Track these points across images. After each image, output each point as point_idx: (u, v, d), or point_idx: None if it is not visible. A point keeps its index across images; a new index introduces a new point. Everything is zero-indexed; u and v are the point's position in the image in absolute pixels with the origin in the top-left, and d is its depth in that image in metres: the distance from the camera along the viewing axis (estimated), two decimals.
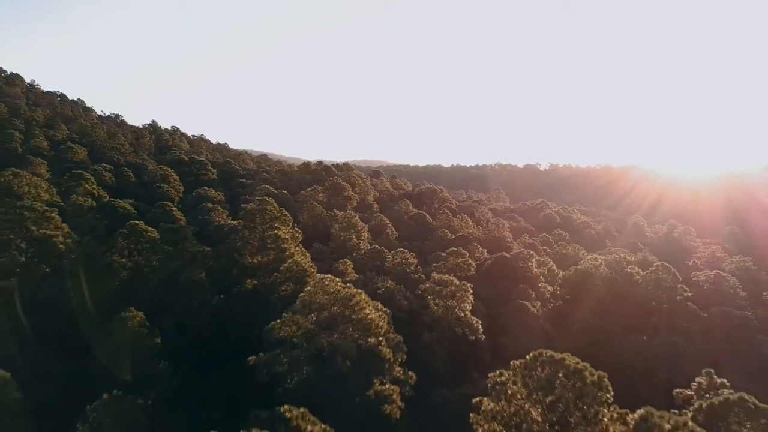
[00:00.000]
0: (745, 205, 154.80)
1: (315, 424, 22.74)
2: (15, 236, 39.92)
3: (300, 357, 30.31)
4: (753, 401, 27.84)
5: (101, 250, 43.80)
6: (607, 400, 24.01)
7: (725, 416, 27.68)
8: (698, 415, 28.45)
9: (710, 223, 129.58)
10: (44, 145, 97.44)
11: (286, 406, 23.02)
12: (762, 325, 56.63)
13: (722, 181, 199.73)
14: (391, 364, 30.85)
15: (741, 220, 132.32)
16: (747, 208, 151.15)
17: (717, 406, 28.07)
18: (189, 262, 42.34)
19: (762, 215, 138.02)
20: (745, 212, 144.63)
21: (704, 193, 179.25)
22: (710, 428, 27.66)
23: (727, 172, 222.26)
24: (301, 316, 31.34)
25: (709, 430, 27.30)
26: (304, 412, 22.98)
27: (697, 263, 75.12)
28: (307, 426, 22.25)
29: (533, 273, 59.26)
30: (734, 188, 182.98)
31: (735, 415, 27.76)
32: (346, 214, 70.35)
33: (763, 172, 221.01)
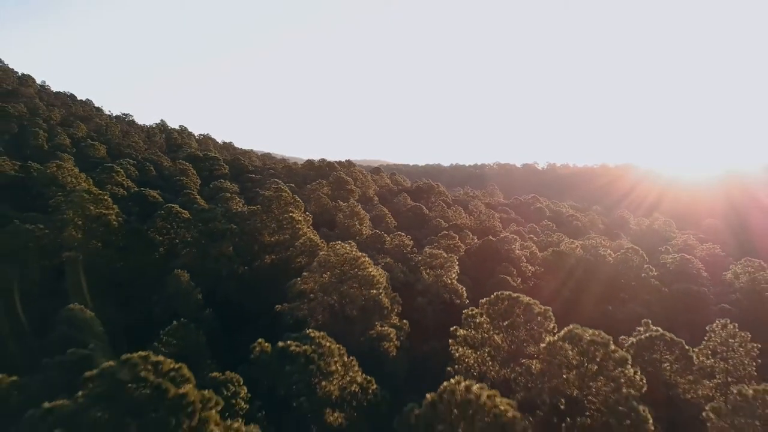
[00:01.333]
0: (744, 205, 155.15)
1: (333, 343, 30.91)
2: (74, 215, 48.11)
3: (317, 305, 38.53)
4: (670, 336, 36.07)
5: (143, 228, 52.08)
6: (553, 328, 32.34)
7: (650, 347, 35.89)
8: (630, 349, 36.63)
9: (710, 222, 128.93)
10: (67, 142, 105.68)
11: (311, 329, 31.30)
12: (717, 299, 64.83)
13: (722, 180, 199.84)
14: (389, 312, 39.10)
15: (741, 219, 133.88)
16: (747, 207, 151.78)
17: (644, 340, 36.29)
18: (219, 237, 50.55)
19: (762, 215, 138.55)
20: (745, 211, 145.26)
21: (704, 193, 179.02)
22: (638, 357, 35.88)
23: (726, 171, 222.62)
24: (318, 273, 39.58)
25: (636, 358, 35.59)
26: (324, 334, 31.17)
27: (669, 249, 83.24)
28: (327, 342, 30.42)
29: (516, 254, 67.47)
30: (734, 187, 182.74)
31: (657, 347, 35.97)
32: (349, 203, 78.62)
33: (763, 171, 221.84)
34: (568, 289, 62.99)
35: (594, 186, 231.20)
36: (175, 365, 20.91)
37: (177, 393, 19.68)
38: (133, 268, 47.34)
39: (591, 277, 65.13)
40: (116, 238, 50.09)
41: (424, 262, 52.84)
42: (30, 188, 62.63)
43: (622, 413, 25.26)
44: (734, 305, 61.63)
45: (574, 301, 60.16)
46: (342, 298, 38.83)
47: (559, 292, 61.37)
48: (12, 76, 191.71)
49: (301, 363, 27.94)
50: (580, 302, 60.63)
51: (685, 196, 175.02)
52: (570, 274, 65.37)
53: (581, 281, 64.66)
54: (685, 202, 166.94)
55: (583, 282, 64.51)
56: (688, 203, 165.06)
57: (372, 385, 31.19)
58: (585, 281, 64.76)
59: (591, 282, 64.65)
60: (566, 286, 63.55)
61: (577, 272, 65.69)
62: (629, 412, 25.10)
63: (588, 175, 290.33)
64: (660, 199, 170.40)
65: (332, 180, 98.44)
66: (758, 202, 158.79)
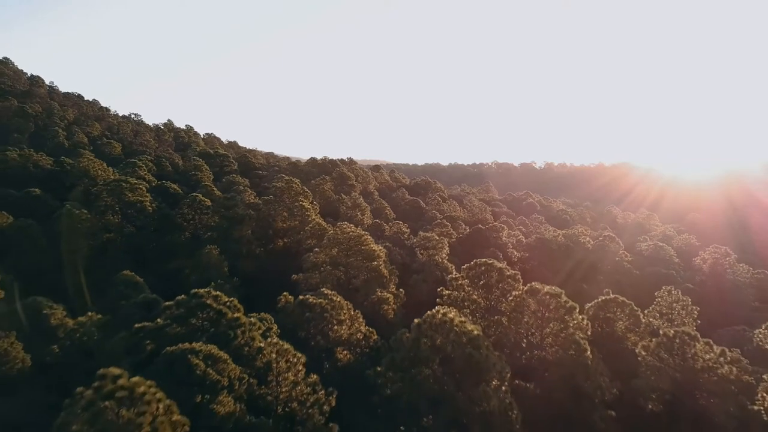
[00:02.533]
0: (744, 204, 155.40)
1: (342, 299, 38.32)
2: (112, 201, 55.60)
3: (327, 275, 45.97)
4: (622, 299, 43.58)
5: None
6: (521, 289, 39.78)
7: (605, 308, 43.36)
8: (590, 310, 44.12)
9: (710, 221, 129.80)
10: (85, 140, 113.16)
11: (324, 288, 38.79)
12: (684, 280, 72.30)
13: (722, 179, 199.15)
14: (388, 281, 46.64)
15: (741, 218, 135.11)
16: (747, 206, 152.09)
17: (600, 302, 43.79)
18: (239, 222, 58.01)
19: (761, 214, 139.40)
20: (745, 210, 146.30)
21: (704, 192, 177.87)
22: (596, 317, 43.38)
23: (726, 170, 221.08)
24: (328, 248, 47.09)
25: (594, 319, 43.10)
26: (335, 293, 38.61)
27: (647, 238, 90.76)
28: (337, 299, 37.81)
29: (503, 241, 74.99)
30: (734, 186, 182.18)
31: (611, 308, 43.41)
32: (351, 196, 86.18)
33: (763, 170, 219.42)
34: (549, 271, 70.41)
35: (594, 186, 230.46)
36: (229, 298, 28.57)
37: (233, 316, 27.30)
38: (164, 248, 54.90)
39: (570, 260, 72.66)
40: (149, 222, 57.66)
41: (418, 244, 60.41)
42: (64, 180, 70.05)
43: (567, 344, 32.78)
44: (697, 285, 69.19)
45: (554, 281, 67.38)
46: (348, 269, 46.33)
47: (541, 273, 68.79)
48: (23, 77, 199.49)
49: (317, 312, 35.38)
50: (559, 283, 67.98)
51: (685, 196, 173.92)
52: (552, 258, 72.92)
53: (561, 264, 72.14)
54: (684, 201, 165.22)
55: (563, 265, 72.00)
56: (687, 202, 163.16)
57: (373, 335, 38.64)
58: (565, 264, 72.26)
59: (570, 265, 72.17)
60: (547, 269, 71.02)
61: (558, 257, 73.25)
62: (573, 344, 32.61)
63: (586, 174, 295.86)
64: (658, 198, 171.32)
65: (335, 176, 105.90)
66: (758, 201, 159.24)
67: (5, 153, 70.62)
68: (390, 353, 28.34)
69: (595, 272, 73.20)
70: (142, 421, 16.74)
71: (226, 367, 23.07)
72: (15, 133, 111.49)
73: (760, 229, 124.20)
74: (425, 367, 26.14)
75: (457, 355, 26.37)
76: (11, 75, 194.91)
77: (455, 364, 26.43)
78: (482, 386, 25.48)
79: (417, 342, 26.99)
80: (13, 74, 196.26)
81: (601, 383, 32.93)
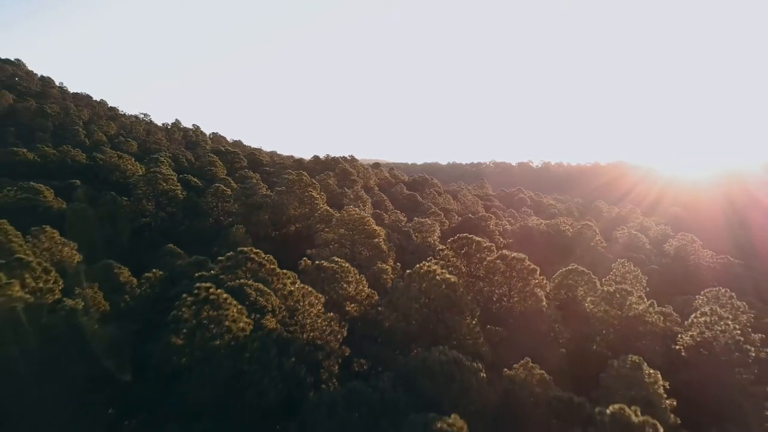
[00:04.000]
0: (744, 203, 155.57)
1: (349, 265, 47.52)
2: (148, 190, 64.83)
3: (335, 251, 55.21)
4: (582, 269, 52.84)
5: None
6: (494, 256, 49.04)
7: (567, 276, 52.58)
8: (555, 279, 53.38)
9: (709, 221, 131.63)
10: (104, 138, 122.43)
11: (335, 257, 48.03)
12: (651, 263, 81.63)
13: (722, 179, 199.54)
14: (387, 255, 55.89)
15: (741, 218, 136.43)
16: (747, 206, 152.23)
17: (564, 272, 53.06)
18: (257, 208, 67.27)
19: (761, 214, 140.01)
20: (745, 210, 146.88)
21: (703, 191, 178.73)
22: (560, 285, 52.64)
23: (726, 170, 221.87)
24: (336, 228, 56.38)
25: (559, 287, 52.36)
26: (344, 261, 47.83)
27: (624, 228, 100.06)
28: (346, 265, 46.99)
29: (491, 229, 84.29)
30: (734, 186, 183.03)
31: (572, 276, 52.61)
32: (354, 190, 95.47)
33: (763, 170, 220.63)
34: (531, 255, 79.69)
35: (593, 185, 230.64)
36: (266, 256, 37.92)
37: (270, 267, 36.64)
38: (193, 231, 64.17)
39: (551, 246, 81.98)
40: (178, 208, 66.93)
41: (413, 228, 69.73)
42: (98, 173, 79.30)
43: (528, 297, 42.09)
44: (662, 266, 78.53)
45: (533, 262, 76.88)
46: (353, 246, 55.60)
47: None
48: (35, 78, 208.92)
49: (330, 273, 44.57)
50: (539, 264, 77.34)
51: (684, 195, 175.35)
52: (533, 243, 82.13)
53: (543, 249, 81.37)
54: (683, 200, 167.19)
55: (544, 250, 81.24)
56: (685, 202, 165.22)
57: (375, 295, 47.85)
58: (545, 249, 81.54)
59: (550, 249, 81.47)
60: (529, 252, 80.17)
61: (540, 242, 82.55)
62: (532, 297, 41.93)
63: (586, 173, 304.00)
64: (657, 197, 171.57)
65: (338, 171, 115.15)
66: (758, 201, 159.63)
67: (44, 149, 79.85)
68: (388, 296, 37.64)
69: (571, 255, 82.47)
70: (226, 314, 26.04)
71: (269, 297, 32.35)
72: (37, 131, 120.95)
73: (760, 228, 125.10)
74: (414, 302, 35.42)
75: (437, 296, 35.69)
76: (23, 76, 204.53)
77: (436, 303, 35.74)
78: (456, 317, 34.78)
79: (408, 286, 36.31)
80: (25, 75, 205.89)
81: (554, 327, 42.23)
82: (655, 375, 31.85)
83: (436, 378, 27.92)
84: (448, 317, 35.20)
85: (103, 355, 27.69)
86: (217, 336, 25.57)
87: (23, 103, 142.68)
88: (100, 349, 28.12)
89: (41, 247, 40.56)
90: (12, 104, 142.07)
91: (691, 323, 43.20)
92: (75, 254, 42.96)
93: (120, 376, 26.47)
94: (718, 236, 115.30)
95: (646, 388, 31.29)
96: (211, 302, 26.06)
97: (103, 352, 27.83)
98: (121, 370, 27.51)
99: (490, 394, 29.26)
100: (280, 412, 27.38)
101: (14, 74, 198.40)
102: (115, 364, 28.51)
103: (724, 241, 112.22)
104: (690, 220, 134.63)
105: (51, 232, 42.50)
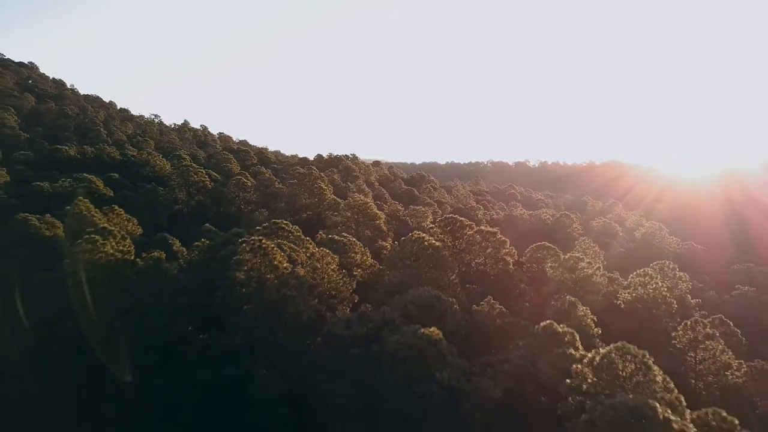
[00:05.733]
0: (743, 203, 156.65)
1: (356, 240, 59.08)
2: (180, 180, 76.40)
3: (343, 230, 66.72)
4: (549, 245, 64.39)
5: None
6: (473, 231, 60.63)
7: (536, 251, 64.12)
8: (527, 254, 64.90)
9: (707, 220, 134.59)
10: (124, 138, 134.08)
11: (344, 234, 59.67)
12: (620, 246, 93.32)
13: (720, 178, 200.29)
14: (386, 234, 67.52)
15: (740, 217, 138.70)
16: (745, 206, 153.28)
17: (534, 247, 64.60)
18: (274, 197, 78.85)
19: (761, 214, 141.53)
20: (744, 210, 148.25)
21: (702, 191, 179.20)
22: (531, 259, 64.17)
23: (725, 170, 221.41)
24: (344, 212, 67.98)
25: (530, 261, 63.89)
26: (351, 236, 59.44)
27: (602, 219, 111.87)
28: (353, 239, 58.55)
29: (479, 218, 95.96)
30: (733, 186, 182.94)
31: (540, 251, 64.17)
32: (356, 184, 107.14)
33: (762, 169, 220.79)
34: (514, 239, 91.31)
35: (593, 185, 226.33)
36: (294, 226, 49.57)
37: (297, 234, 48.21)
38: (219, 216, 75.75)
39: (532, 232, 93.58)
40: (206, 198, 78.54)
41: (409, 214, 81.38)
42: (130, 168, 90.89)
43: (498, 262, 53.66)
44: (629, 249, 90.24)
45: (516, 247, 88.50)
46: (358, 226, 67.21)
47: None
48: (48, 81, 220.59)
49: (340, 245, 56.12)
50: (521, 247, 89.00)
51: (683, 194, 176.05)
52: (516, 230, 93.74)
53: (524, 235, 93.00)
54: (682, 199, 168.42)
55: (525, 235, 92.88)
56: (684, 201, 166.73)
57: (376, 264, 59.46)
58: (527, 235, 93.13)
59: (532, 235, 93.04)
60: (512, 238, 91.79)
61: (522, 229, 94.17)
62: (501, 262, 53.53)
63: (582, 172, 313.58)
64: (656, 196, 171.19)
65: (342, 168, 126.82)
66: (757, 200, 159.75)
67: (83, 147, 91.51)
68: (386, 257, 49.22)
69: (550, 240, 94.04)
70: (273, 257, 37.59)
71: (299, 253, 43.93)
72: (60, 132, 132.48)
73: (759, 228, 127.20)
74: (407, 260, 47.02)
75: (425, 256, 47.29)
76: (37, 78, 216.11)
77: (423, 261, 47.34)
78: (440, 272, 46.40)
79: (402, 249, 47.95)
80: (39, 78, 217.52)
81: (521, 286, 53.81)
82: (585, 310, 43.40)
83: (422, 307, 39.53)
84: (433, 272, 46.80)
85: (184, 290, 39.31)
86: (266, 272, 37.14)
87: (45, 105, 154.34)
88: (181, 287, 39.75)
89: (113, 221, 52.07)
90: (34, 106, 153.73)
91: (629, 283, 54.85)
92: (138, 228, 54.48)
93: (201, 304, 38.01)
94: (717, 236, 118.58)
95: (579, 320, 42.85)
96: (262, 249, 37.62)
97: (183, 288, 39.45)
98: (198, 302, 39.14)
99: (461, 321, 40.87)
100: (310, 329, 38.90)
101: (29, 77, 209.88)
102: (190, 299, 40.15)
103: (724, 241, 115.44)
104: (689, 219, 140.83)
105: (119, 210, 54.07)
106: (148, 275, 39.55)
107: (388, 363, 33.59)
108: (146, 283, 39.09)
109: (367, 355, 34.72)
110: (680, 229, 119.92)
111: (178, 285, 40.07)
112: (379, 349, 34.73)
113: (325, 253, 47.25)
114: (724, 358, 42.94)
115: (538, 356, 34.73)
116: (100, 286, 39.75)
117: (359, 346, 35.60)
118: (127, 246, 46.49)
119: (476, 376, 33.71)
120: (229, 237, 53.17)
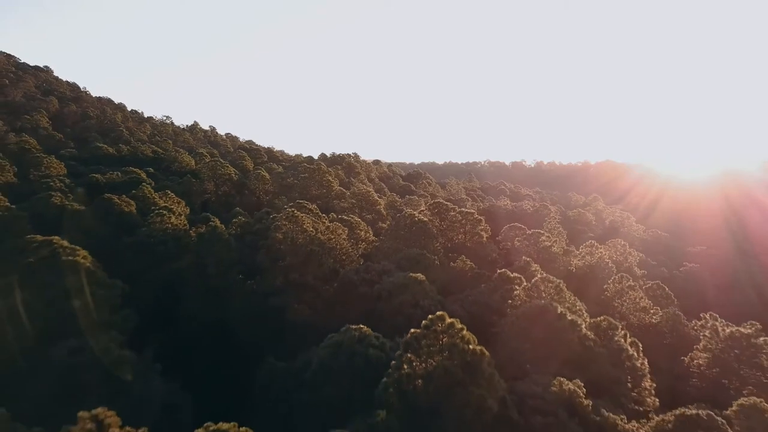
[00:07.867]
0: (742, 203, 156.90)
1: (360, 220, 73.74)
2: (209, 173, 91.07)
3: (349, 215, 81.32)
4: (520, 225, 79.12)
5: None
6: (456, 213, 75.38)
7: (510, 231, 78.88)
8: (501, 233, 79.67)
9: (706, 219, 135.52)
10: (145, 137, 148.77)
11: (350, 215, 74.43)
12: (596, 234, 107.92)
13: (719, 178, 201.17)
14: (385, 218, 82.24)
15: (739, 217, 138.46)
16: (744, 206, 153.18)
17: (507, 228, 79.41)
18: (289, 188, 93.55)
19: (759, 213, 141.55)
20: (743, 210, 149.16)
21: (701, 191, 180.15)
22: (504, 238, 78.95)
23: (723, 170, 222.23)
24: (349, 199, 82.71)
25: (503, 240, 78.70)
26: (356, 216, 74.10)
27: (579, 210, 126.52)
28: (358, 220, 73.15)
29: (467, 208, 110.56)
30: (731, 185, 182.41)
31: (515, 232, 78.88)
32: (358, 178, 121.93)
33: (761, 169, 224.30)
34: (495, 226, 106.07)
35: (593, 185, 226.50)
36: (312, 205, 64.43)
37: (316, 212, 63.13)
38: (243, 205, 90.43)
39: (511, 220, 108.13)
40: (230, 189, 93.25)
41: (405, 203, 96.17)
42: (160, 164, 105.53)
43: (473, 236, 68.36)
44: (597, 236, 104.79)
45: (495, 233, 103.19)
46: (361, 211, 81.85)
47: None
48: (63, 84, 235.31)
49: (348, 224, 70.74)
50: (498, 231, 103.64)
51: (681, 194, 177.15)
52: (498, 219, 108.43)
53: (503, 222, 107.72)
54: (681, 199, 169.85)
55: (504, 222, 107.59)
56: (683, 201, 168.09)
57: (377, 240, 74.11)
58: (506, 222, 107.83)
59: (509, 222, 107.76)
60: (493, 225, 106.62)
61: (503, 218, 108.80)
62: (476, 236, 68.23)
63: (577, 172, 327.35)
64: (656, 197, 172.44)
65: (344, 165, 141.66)
66: (756, 200, 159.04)
67: (118, 146, 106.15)
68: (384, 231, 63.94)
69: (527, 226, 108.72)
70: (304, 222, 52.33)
71: (318, 224, 58.56)
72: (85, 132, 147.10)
73: (758, 228, 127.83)
74: (401, 232, 61.71)
75: (414, 229, 61.97)
76: (53, 81, 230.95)
77: (414, 232, 62.01)
78: (426, 240, 61.10)
79: (397, 225, 62.67)
80: (55, 81, 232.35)
81: (492, 256, 68.43)
82: (537, 267, 57.98)
83: (411, 261, 54.17)
84: (422, 240, 61.51)
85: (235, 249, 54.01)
86: (299, 233, 51.79)
87: (68, 108, 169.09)
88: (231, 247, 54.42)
89: (168, 202, 66.66)
90: (59, 108, 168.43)
91: (579, 252, 69.53)
92: (186, 209, 69.11)
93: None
94: (717, 235, 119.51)
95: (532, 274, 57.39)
96: (294, 217, 52.27)
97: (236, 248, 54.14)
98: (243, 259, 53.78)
99: (442, 273, 55.52)
100: (330, 278, 53.52)
101: (46, 80, 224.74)
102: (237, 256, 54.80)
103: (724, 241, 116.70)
104: (687, 218, 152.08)
105: (171, 195, 68.67)
106: (208, 238, 54.08)
107: (386, 296, 48.20)
108: (207, 243, 53.59)
109: (371, 291, 49.33)
110: (679, 228, 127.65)
111: (229, 245, 54.59)
112: (380, 287, 49.32)
113: (338, 225, 61.89)
114: (643, 303, 57.59)
115: (494, 291, 49.42)
116: (169, 246, 54.54)
117: (365, 286, 50.21)
118: (183, 220, 61.29)
119: (449, 305, 48.32)
120: (260, 215, 67.91)
